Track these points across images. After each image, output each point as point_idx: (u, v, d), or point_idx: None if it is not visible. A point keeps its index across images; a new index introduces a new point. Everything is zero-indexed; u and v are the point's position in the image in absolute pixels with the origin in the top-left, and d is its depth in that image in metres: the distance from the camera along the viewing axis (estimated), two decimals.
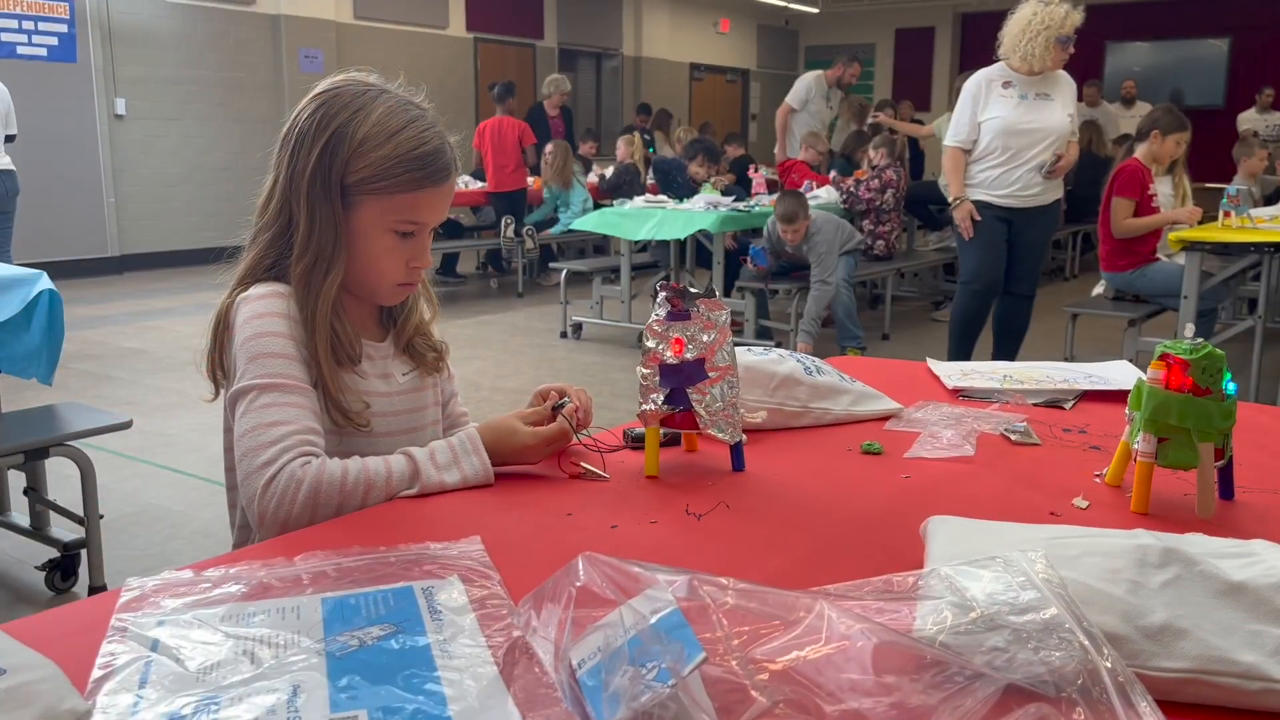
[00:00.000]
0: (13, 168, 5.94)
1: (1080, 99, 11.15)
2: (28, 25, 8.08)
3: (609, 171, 8.83)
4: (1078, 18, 4.38)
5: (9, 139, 6.00)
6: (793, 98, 8.07)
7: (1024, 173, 4.52)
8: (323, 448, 1.22)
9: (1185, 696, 0.73)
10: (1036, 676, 0.66)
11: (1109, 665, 0.66)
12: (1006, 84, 4.51)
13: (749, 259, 5.93)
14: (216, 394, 1.32)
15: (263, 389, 1.20)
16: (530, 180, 8.38)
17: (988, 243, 4.64)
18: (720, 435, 1.23)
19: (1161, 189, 5.24)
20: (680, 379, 1.22)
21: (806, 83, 8.07)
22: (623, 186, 8.22)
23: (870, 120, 8.50)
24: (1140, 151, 5.00)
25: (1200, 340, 1.10)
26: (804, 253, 5.71)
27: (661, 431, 1.27)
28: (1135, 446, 1.12)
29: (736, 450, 1.27)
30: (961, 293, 4.88)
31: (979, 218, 4.60)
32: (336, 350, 1.28)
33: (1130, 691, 0.65)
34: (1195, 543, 0.85)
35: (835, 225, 5.81)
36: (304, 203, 1.26)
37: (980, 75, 4.60)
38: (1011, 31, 4.47)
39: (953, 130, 4.66)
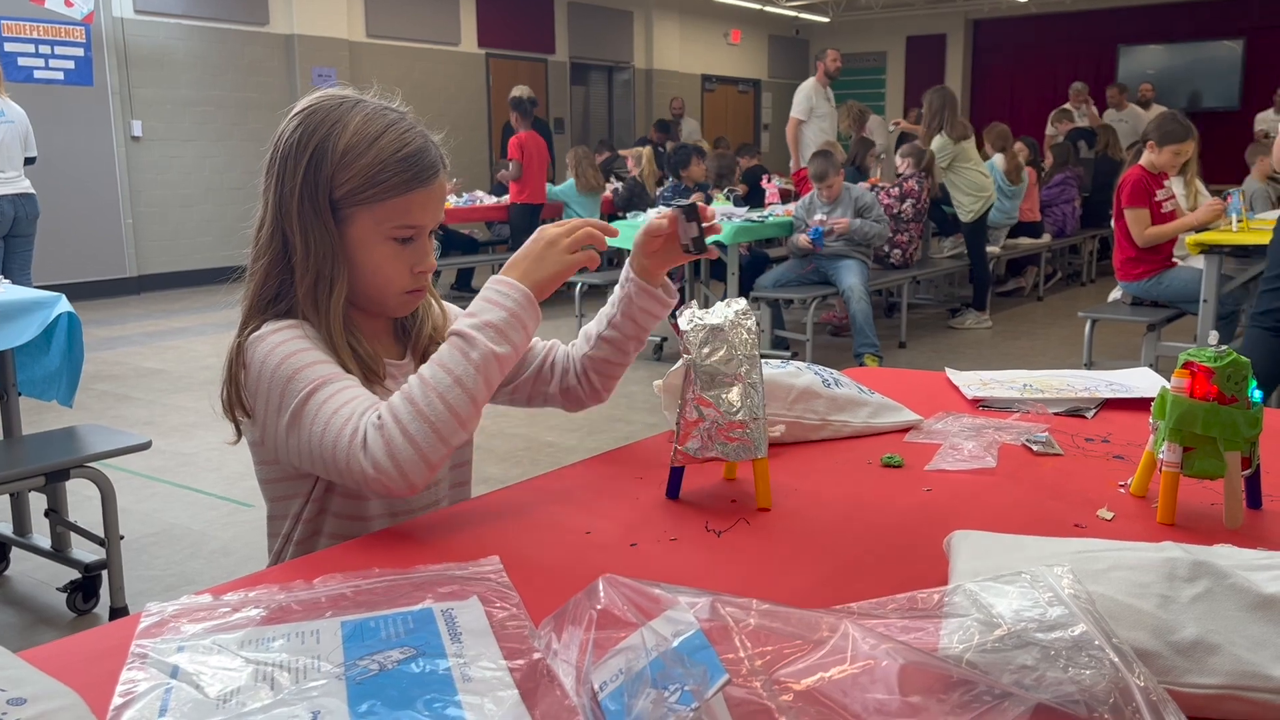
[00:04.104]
0: (33, 191, 6.00)
1: (1102, 103, 11.13)
2: (44, 49, 8.17)
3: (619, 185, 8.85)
4: None
5: (29, 161, 6.07)
6: (797, 110, 8.33)
7: None
8: None
9: (1218, 713, 0.72)
10: (1067, 696, 0.64)
11: (1140, 683, 0.65)
12: None
13: (809, 240, 5.98)
14: (238, 436, 1.30)
15: (313, 393, 1.17)
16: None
17: None
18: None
19: (1175, 191, 5.22)
20: None
21: (805, 91, 8.30)
22: (634, 200, 8.24)
23: (890, 128, 8.55)
24: (1142, 159, 4.98)
25: (1225, 347, 1.09)
26: (845, 210, 5.94)
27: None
28: (1160, 456, 1.11)
29: (671, 474, 1.24)
30: None
31: None
32: (363, 366, 1.26)
33: (1163, 710, 0.63)
34: (1225, 554, 0.83)
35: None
36: (296, 224, 1.24)
37: None
38: None
39: None
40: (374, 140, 1.23)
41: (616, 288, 1.46)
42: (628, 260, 1.43)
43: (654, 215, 1.42)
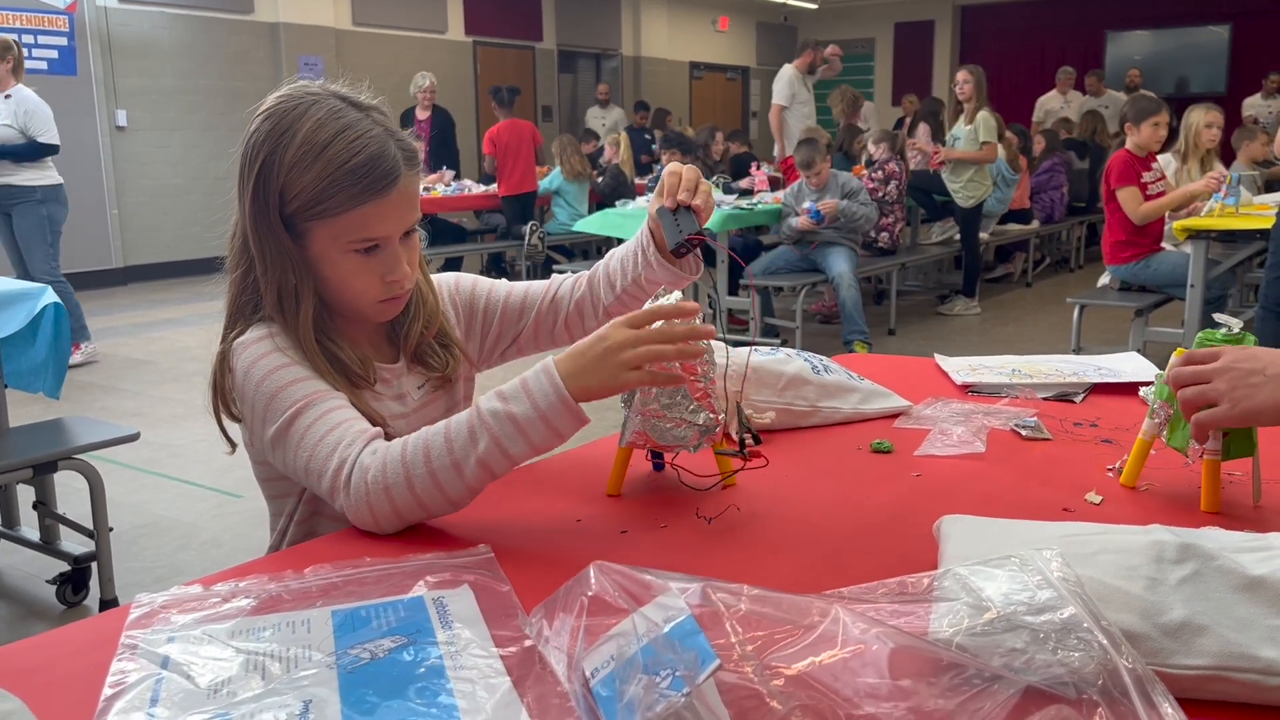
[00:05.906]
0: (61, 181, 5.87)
1: (1082, 89, 11.16)
2: (27, 39, 8.09)
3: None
4: None
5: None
6: (779, 96, 8.33)
7: None
8: (388, 431, 1.17)
9: (1206, 694, 0.72)
10: (1056, 678, 0.65)
11: (1129, 664, 0.65)
12: None
13: (810, 219, 5.93)
14: (232, 448, 1.28)
15: (296, 416, 1.15)
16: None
17: None
18: None
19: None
20: None
21: (786, 78, 8.31)
22: (618, 189, 8.23)
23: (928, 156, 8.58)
24: (1127, 143, 5.00)
25: (1238, 328, 1.09)
26: (833, 196, 5.91)
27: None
28: (1191, 445, 1.09)
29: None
30: None
31: None
32: (346, 372, 1.23)
33: (1151, 691, 0.64)
34: (1212, 537, 0.84)
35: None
36: (253, 239, 1.20)
37: None
38: None
39: None
40: (320, 151, 1.16)
41: (634, 253, 1.37)
42: (648, 230, 1.35)
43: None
